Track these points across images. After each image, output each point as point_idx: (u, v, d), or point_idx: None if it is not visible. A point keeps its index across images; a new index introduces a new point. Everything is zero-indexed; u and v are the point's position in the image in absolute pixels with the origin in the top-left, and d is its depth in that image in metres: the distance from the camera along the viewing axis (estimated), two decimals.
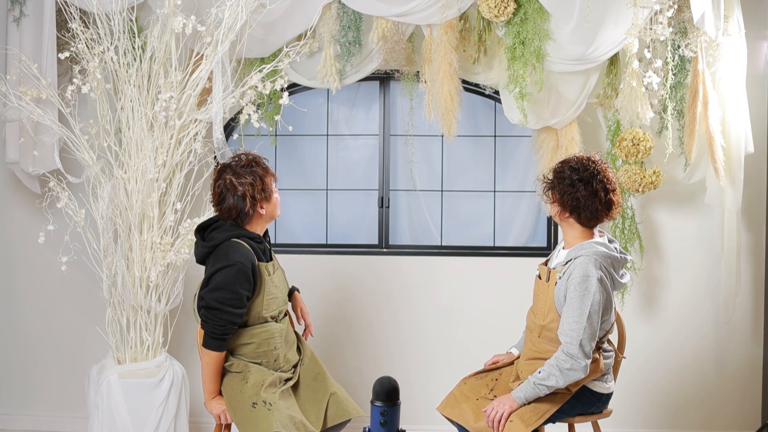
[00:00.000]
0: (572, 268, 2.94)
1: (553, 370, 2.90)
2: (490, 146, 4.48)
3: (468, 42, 3.99)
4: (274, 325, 3.15)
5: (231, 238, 3.06)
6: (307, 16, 3.92)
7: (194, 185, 3.84)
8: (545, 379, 2.91)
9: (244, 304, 3.02)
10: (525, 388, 2.95)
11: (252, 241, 3.11)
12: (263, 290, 3.09)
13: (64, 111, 3.70)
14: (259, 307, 3.09)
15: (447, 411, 3.15)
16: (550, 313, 3.01)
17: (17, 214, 4.34)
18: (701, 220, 4.26)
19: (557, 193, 3.02)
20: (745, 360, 4.30)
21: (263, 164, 3.16)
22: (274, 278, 3.16)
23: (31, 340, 4.38)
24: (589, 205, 2.97)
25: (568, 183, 2.98)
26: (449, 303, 4.35)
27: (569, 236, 3.08)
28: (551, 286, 3.02)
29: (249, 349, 3.11)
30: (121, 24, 3.65)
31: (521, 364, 3.16)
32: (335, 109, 4.51)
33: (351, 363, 4.36)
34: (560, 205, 3.02)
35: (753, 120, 4.03)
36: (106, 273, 3.74)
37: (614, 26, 3.67)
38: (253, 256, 3.06)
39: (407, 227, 4.52)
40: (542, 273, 3.11)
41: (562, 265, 3.02)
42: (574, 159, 3.05)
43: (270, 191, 3.15)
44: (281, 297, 3.20)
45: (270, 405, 2.95)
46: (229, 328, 3.01)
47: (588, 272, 2.89)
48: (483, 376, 3.19)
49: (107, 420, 3.61)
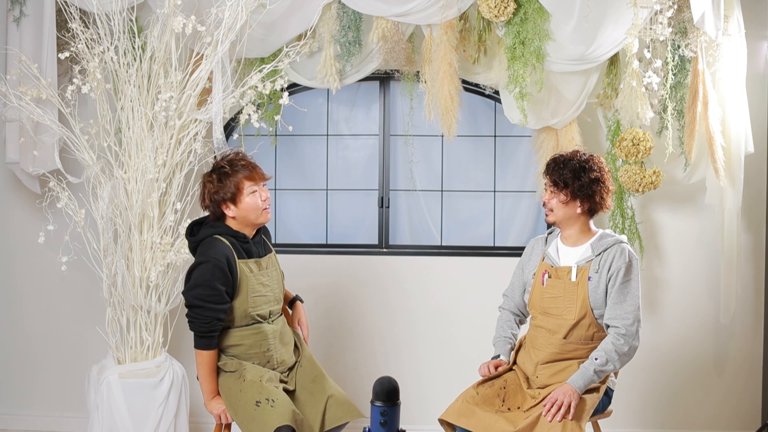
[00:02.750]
0: (607, 258, 3.00)
1: (611, 356, 2.94)
2: (490, 146, 4.48)
3: (468, 42, 3.99)
4: (266, 326, 3.15)
5: (214, 235, 3.09)
6: (307, 16, 3.92)
7: (194, 185, 3.84)
8: (604, 364, 2.94)
9: (225, 299, 3.03)
10: (583, 376, 2.94)
11: (234, 239, 3.09)
12: (245, 288, 3.07)
13: (64, 111, 3.70)
14: (244, 305, 3.08)
15: (462, 422, 2.98)
16: (583, 310, 3.00)
17: (17, 214, 4.34)
18: (701, 220, 4.26)
19: (570, 183, 3.02)
20: (745, 360, 4.30)
21: (238, 164, 3.10)
22: (259, 276, 3.13)
23: (31, 340, 4.39)
24: (598, 192, 3.03)
25: (579, 173, 3.02)
26: (449, 303, 4.35)
27: (572, 230, 3.09)
28: (582, 283, 3.01)
29: (240, 350, 3.12)
30: (121, 24, 3.65)
31: (539, 368, 3.08)
32: (335, 109, 4.51)
33: (351, 363, 4.36)
34: (569, 195, 3.03)
35: (753, 120, 4.03)
36: (106, 273, 3.74)
37: (614, 26, 3.67)
38: (231, 251, 3.05)
39: (407, 227, 4.52)
40: (560, 274, 3.06)
41: (588, 261, 3.03)
42: (573, 152, 3.10)
43: (235, 192, 3.07)
44: (271, 296, 3.18)
45: (273, 402, 2.94)
46: (214, 324, 3.02)
47: (629, 257, 3.00)
48: (491, 385, 3.08)
49: (107, 420, 3.61)
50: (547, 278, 3.10)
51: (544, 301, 3.10)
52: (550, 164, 3.10)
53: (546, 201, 3.10)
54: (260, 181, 3.14)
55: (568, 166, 3.04)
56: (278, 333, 3.20)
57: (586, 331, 3.02)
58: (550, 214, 3.10)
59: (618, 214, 4.11)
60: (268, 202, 3.15)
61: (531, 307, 3.18)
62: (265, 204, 3.14)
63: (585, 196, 3.03)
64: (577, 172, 3.02)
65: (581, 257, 3.06)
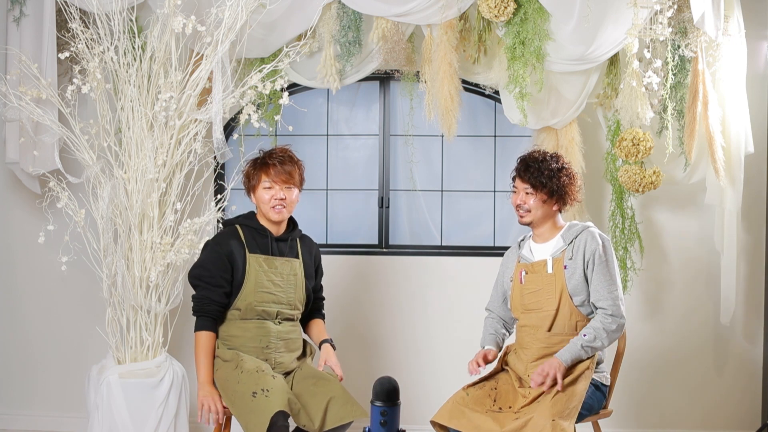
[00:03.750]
0: (579, 245, 3.08)
1: (599, 333, 3.00)
2: (490, 146, 4.48)
3: (468, 42, 3.99)
4: (270, 324, 3.18)
5: (236, 224, 3.28)
6: (307, 16, 3.92)
7: (194, 185, 3.84)
8: (592, 341, 3.00)
9: (220, 283, 3.14)
10: (571, 350, 3.00)
11: (255, 232, 3.24)
12: (253, 280, 3.15)
13: (64, 111, 3.70)
14: (250, 297, 3.15)
15: (453, 423, 3.00)
16: (562, 299, 3.07)
17: (17, 214, 4.34)
18: (701, 220, 4.26)
19: (547, 182, 3.10)
20: (745, 360, 4.30)
21: (271, 159, 3.22)
22: (269, 273, 3.19)
23: (31, 340, 4.38)
24: (570, 188, 3.16)
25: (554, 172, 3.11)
26: (449, 303, 4.35)
27: (545, 228, 3.19)
28: (558, 273, 3.08)
29: (240, 342, 3.17)
30: (121, 24, 3.65)
31: (530, 367, 3.10)
32: (335, 109, 4.51)
33: (351, 363, 4.36)
34: (547, 194, 3.11)
35: (753, 120, 4.03)
36: (106, 273, 3.74)
37: (614, 26, 3.67)
38: (241, 243, 3.18)
39: (407, 227, 4.52)
40: (536, 268, 3.14)
41: (561, 251, 3.10)
42: (539, 152, 3.19)
43: (256, 183, 3.23)
44: (282, 297, 3.21)
45: (268, 392, 2.94)
46: (206, 304, 3.13)
47: (601, 240, 3.09)
48: (482, 386, 3.11)
49: (107, 420, 3.61)
50: (525, 275, 3.17)
51: (524, 298, 3.16)
52: (524, 167, 3.16)
53: (522, 202, 3.16)
54: (277, 182, 3.20)
55: (543, 167, 3.12)
56: (284, 336, 3.22)
57: (569, 320, 3.08)
58: (527, 215, 3.17)
59: (618, 214, 4.11)
60: (278, 203, 3.21)
61: (513, 309, 3.24)
62: (273, 203, 3.21)
63: (560, 194, 3.13)
64: (553, 171, 3.11)
65: (554, 249, 3.14)
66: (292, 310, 3.26)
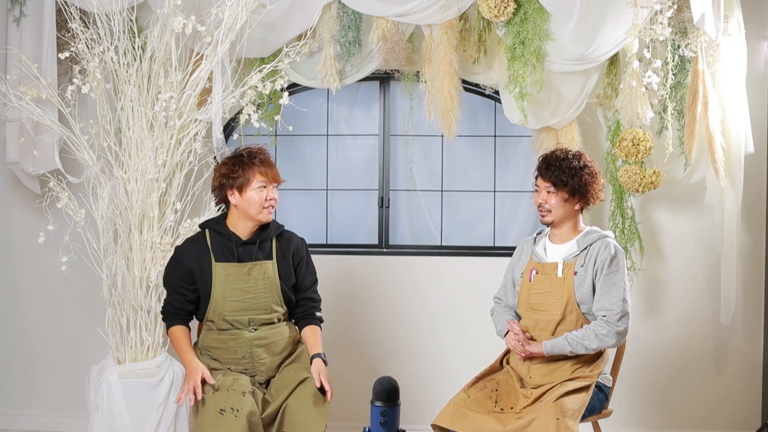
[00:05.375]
0: (593, 253, 3.05)
1: (589, 333, 3.00)
2: (490, 146, 4.48)
3: (468, 42, 3.99)
4: (245, 333, 3.14)
5: (205, 228, 3.24)
6: (307, 16, 3.92)
7: (194, 185, 3.84)
8: (582, 338, 3.00)
9: (179, 290, 3.16)
10: (557, 343, 3.02)
11: (222, 238, 3.17)
12: (220, 290, 3.11)
13: (64, 111, 3.70)
14: (219, 307, 3.12)
15: (455, 425, 2.97)
16: (569, 305, 3.05)
17: (17, 214, 4.34)
18: (701, 220, 4.26)
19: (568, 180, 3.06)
20: (745, 360, 4.30)
21: (257, 158, 3.16)
22: (237, 281, 3.13)
23: (31, 340, 4.38)
24: (593, 187, 3.11)
25: (576, 170, 3.07)
26: (449, 303, 4.35)
27: (565, 228, 3.15)
28: (568, 278, 3.06)
29: (219, 354, 3.18)
30: (121, 24, 3.65)
31: (532, 368, 3.10)
32: (335, 109, 4.51)
33: (351, 363, 4.36)
34: (569, 193, 3.08)
35: (753, 120, 4.03)
36: (106, 273, 3.74)
37: (614, 26, 3.67)
38: (206, 251, 3.15)
39: (407, 227, 4.52)
40: (546, 269, 3.11)
41: (574, 256, 3.07)
42: (561, 150, 3.15)
43: (244, 182, 3.12)
44: (255, 303, 3.15)
45: (237, 411, 2.88)
46: (170, 311, 3.19)
47: (615, 251, 3.05)
48: (483, 387, 3.10)
49: (107, 420, 3.61)
50: (535, 274, 3.15)
51: (531, 297, 3.14)
52: (545, 165, 3.13)
53: (544, 201, 3.12)
54: (272, 181, 3.17)
55: (564, 165, 3.08)
56: (262, 342, 3.16)
57: (575, 326, 3.06)
58: (548, 215, 3.13)
59: (618, 214, 4.11)
60: (272, 203, 3.17)
61: (519, 305, 3.22)
62: (269, 203, 3.15)
63: (582, 192, 3.09)
64: (574, 169, 3.07)
65: (567, 253, 3.11)
66: (269, 314, 3.19)
